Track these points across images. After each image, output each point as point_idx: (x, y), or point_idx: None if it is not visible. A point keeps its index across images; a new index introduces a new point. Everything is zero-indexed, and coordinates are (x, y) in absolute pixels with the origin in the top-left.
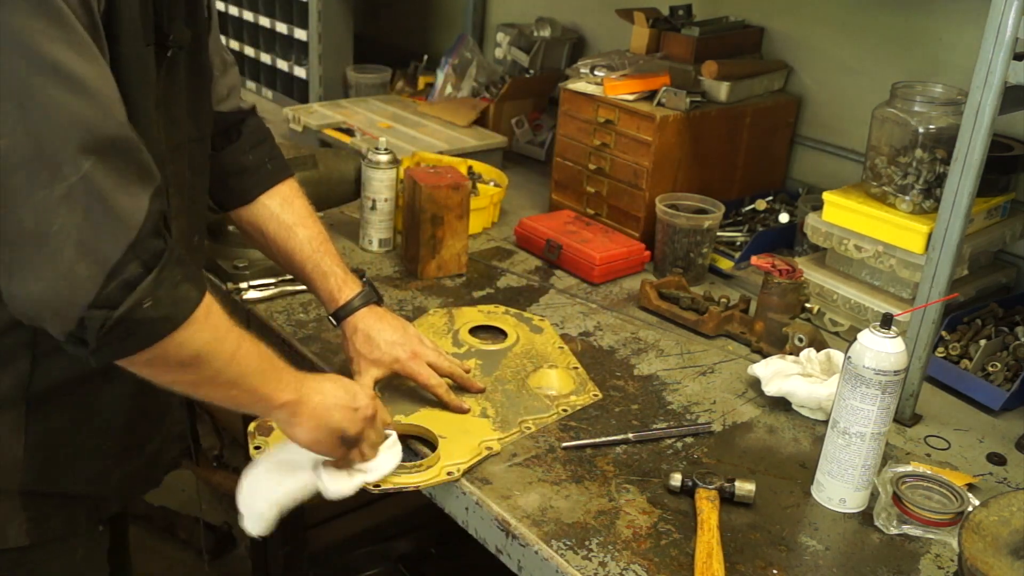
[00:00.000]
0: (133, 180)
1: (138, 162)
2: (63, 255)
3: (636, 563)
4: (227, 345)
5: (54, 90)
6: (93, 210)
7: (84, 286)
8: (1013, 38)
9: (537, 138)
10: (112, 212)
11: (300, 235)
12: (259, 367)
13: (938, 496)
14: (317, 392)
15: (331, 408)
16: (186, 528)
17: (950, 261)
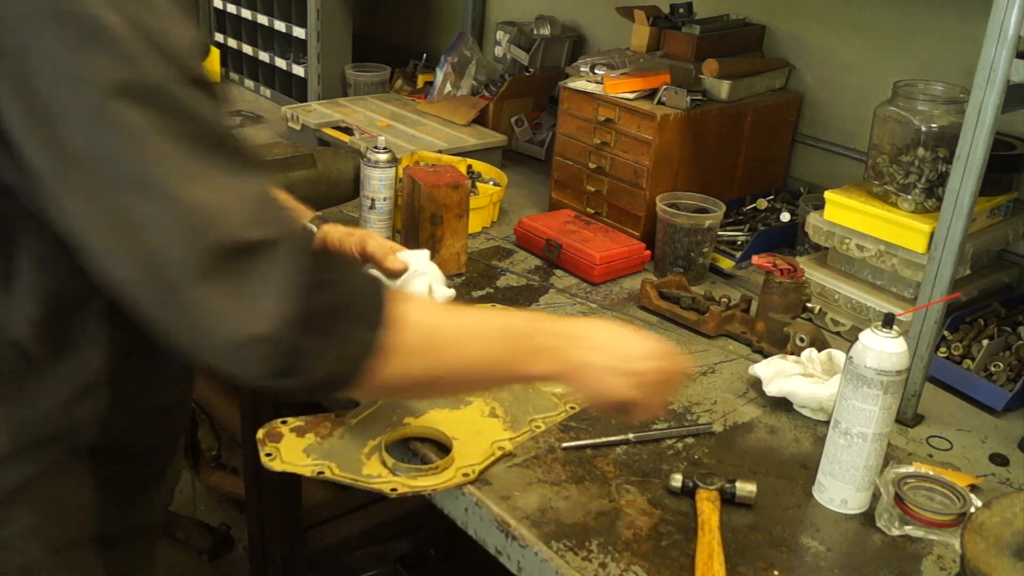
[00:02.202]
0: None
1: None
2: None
3: (636, 564)
4: (461, 355)
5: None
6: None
7: (252, 366)
8: (1015, 36)
9: (537, 137)
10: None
11: None
12: (498, 355)
13: (940, 497)
14: (583, 357)
15: (601, 374)
16: (184, 529)
17: (952, 261)
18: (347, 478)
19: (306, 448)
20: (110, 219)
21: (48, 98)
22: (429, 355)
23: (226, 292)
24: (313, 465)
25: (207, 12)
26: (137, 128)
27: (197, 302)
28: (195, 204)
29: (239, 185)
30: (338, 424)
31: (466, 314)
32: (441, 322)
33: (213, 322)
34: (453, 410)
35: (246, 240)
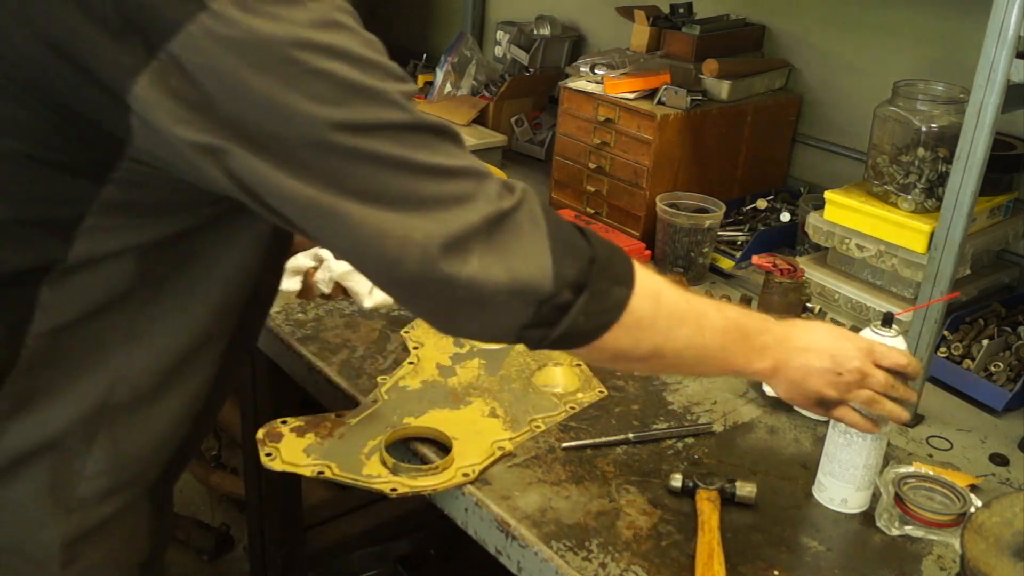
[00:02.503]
0: (525, 237)
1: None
2: (496, 305)
3: (636, 564)
4: (683, 331)
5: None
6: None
7: (517, 318)
8: (1016, 36)
9: (537, 137)
10: (519, 275)
11: None
12: (724, 343)
13: (940, 497)
14: (798, 357)
15: (811, 375)
16: (184, 529)
17: (952, 260)
18: (347, 478)
19: (306, 448)
20: (377, 240)
21: (307, 152)
22: (658, 327)
23: (495, 259)
24: (313, 465)
25: None
26: (391, 155)
27: (469, 280)
28: (443, 196)
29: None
30: (338, 424)
31: (694, 297)
32: (675, 299)
33: (485, 293)
34: (453, 410)
35: (502, 210)
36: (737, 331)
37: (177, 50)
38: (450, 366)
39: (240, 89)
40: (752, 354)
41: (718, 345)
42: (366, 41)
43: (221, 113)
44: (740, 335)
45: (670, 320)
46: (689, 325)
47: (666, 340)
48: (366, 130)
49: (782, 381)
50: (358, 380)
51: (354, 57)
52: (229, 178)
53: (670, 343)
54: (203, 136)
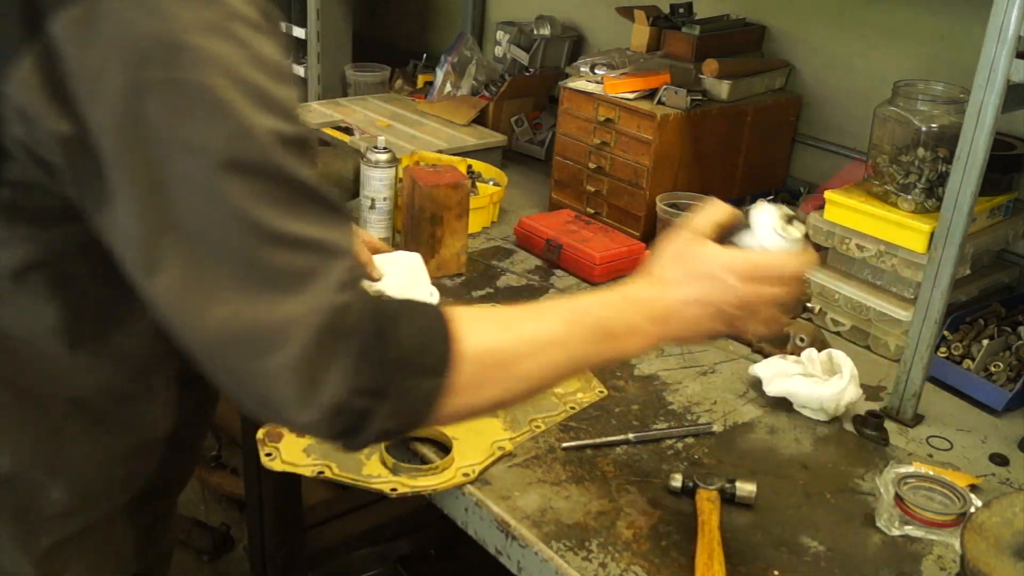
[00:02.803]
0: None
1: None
2: (289, 411)
3: (636, 564)
4: (531, 369)
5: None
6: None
7: (319, 430)
8: (1016, 36)
9: (537, 137)
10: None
11: None
12: (588, 352)
13: (940, 497)
14: (674, 319)
15: (697, 325)
16: (184, 529)
17: (952, 260)
18: (347, 478)
19: (306, 448)
20: (192, 289)
21: (156, 168)
22: (494, 383)
23: (295, 367)
24: (313, 465)
25: None
26: (234, 200)
27: (268, 378)
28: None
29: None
30: None
31: (529, 320)
32: (502, 344)
33: (282, 401)
34: None
35: (333, 307)
36: (595, 329)
37: (55, 31)
38: None
39: (99, 84)
40: (619, 343)
41: (577, 357)
42: (259, 61)
43: (78, 106)
44: (600, 332)
45: (512, 369)
46: (537, 362)
47: (513, 386)
48: (211, 160)
49: (672, 342)
50: None
51: (233, 74)
52: (72, 174)
53: (519, 386)
54: (60, 126)
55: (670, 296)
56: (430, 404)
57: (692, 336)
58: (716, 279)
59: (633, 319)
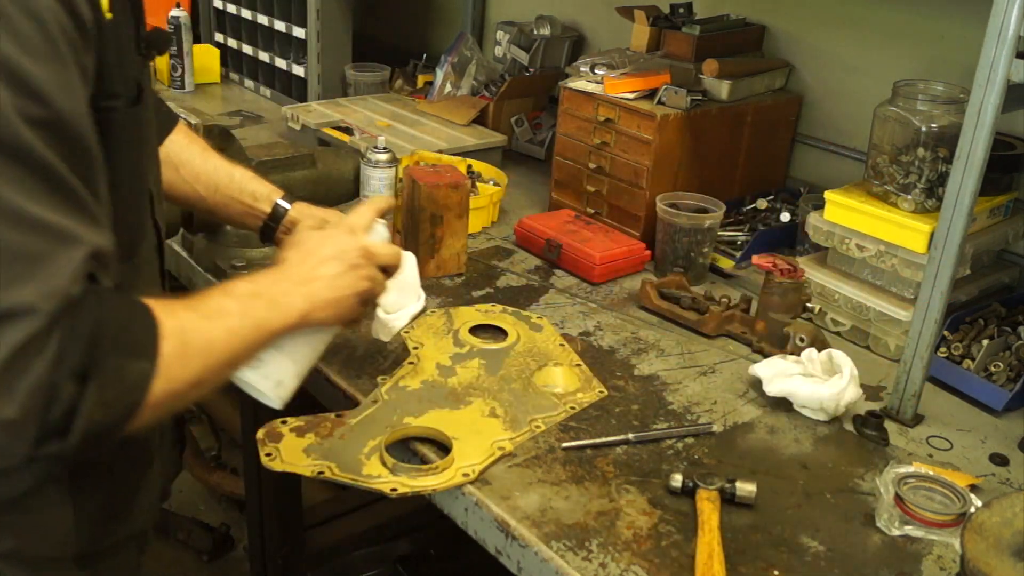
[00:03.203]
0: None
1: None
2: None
3: (636, 564)
4: (215, 345)
5: None
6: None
7: (20, 434)
8: (1015, 36)
9: (537, 137)
10: (28, 367)
11: (215, 156)
12: (255, 322)
13: (940, 497)
14: (316, 280)
15: (336, 282)
16: (184, 529)
17: (952, 261)
18: (347, 478)
19: (306, 448)
20: None
21: None
22: (191, 356)
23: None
24: (313, 465)
25: (207, 12)
26: None
27: None
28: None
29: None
30: (338, 424)
31: (203, 299)
32: (189, 318)
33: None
34: (453, 410)
35: (70, 298)
36: (258, 300)
37: None
38: (450, 366)
39: None
40: (281, 309)
41: (251, 326)
42: (17, 34)
43: None
44: (263, 303)
45: (202, 339)
46: (219, 329)
47: (207, 359)
48: None
49: (323, 309)
50: (358, 380)
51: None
52: None
53: (211, 358)
54: None
55: (308, 260)
56: (142, 387)
57: (338, 292)
58: (338, 238)
59: (284, 285)
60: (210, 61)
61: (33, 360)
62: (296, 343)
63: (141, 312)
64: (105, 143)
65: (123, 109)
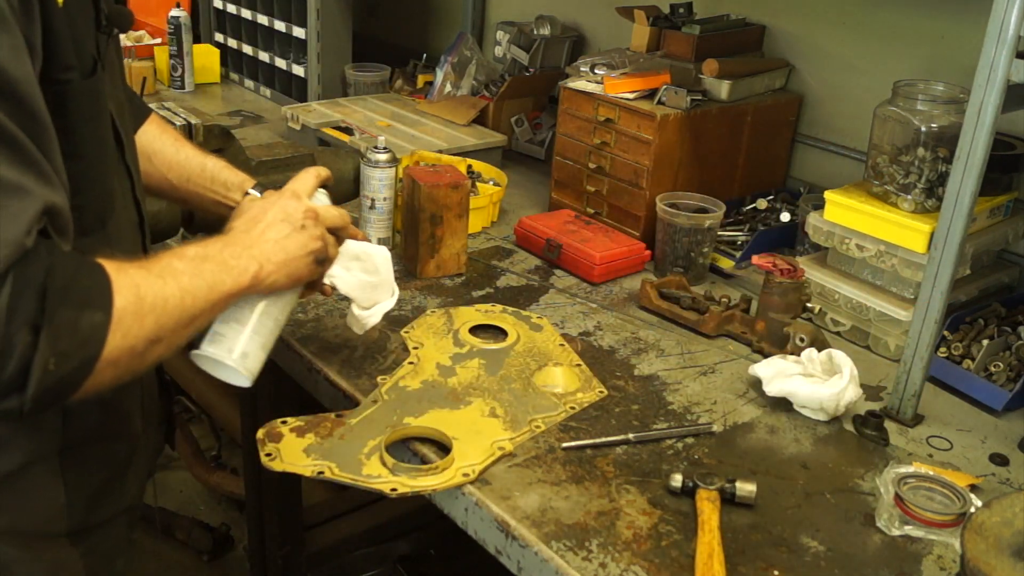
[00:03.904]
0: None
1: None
2: None
3: (636, 564)
4: (169, 303)
5: None
6: None
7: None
8: (1015, 36)
9: (537, 137)
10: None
11: (188, 145)
12: (208, 283)
13: (940, 497)
14: (264, 241)
15: (286, 244)
16: (184, 529)
17: (952, 261)
18: (347, 478)
19: (306, 448)
20: None
21: None
22: (146, 312)
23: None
24: (313, 465)
25: (207, 12)
26: None
27: None
28: None
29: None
30: (338, 424)
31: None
32: (142, 275)
33: None
34: (453, 410)
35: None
36: (208, 262)
37: None
38: (450, 366)
39: None
40: (234, 272)
41: (204, 288)
42: None
43: None
44: (214, 265)
45: (156, 294)
46: (173, 287)
47: (161, 315)
48: None
49: (275, 270)
50: (358, 380)
51: None
52: None
53: (165, 315)
54: None
55: (256, 226)
56: (98, 339)
57: (290, 253)
58: (283, 202)
59: (235, 249)
60: (210, 61)
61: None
62: (255, 312)
63: (91, 267)
64: (62, 114)
65: (78, 81)
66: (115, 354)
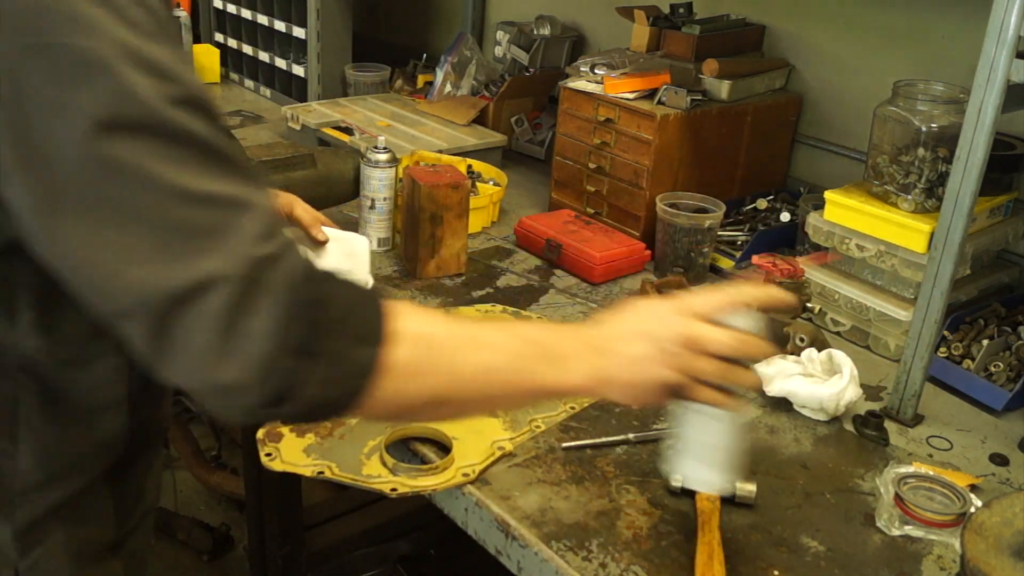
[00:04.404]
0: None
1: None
2: (215, 372)
3: (636, 564)
4: (468, 367)
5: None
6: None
7: (243, 395)
8: (1015, 36)
9: (537, 137)
10: (242, 331)
11: None
12: (524, 365)
13: (940, 497)
14: (612, 353)
15: (635, 364)
16: (184, 529)
17: (952, 261)
18: (347, 478)
19: (306, 448)
20: (99, 254)
21: (37, 134)
22: (433, 372)
23: (217, 319)
24: (313, 465)
25: (207, 12)
26: (127, 160)
27: (189, 334)
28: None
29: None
30: (338, 424)
31: (470, 324)
32: (442, 334)
33: (204, 357)
34: None
35: (254, 259)
36: (537, 349)
37: None
38: None
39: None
40: (561, 369)
41: (518, 371)
42: (130, 22)
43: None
44: (542, 352)
45: (448, 362)
46: (476, 360)
47: (448, 385)
48: (97, 124)
49: (612, 387)
50: None
51: (106, 36)
52: None
53: (455, 387)
54: None
55: (612, 329)
56: (365, 378)
57: (636, 377)
58: (659, 316)
59: (573, 344)
60: (210, 61)
61: (243, 324)
62: (690, 438)
63: (372, 299)
64: None
65: None
66: (386, 396)
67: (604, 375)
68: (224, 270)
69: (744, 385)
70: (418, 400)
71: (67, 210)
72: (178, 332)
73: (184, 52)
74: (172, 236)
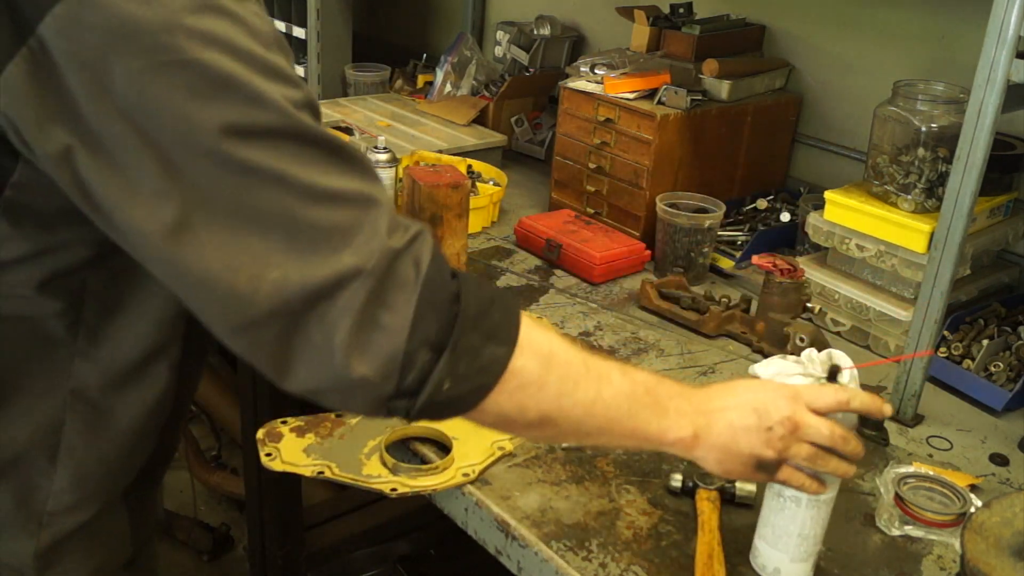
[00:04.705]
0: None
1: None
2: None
3: (636, 564)
4: (579, 395)
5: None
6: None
7: (379, 389)
8: (1016, 36)
9: (537, 137)
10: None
11: None
12: (631, 409)
13: (940, 497)
14: (720, 419)
15: (738, 435)
16: (184, 529)
17: (952, 261)
18: (347, 478)
19: (306, 448)
20: (236, 260)
21: (176, 151)
22: (547, 392)
23: (353, 314)
24: (313, 465)
25: None
26: (264, 165)
27: (327, 330)
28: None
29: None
30: (338, 424)
31: (587, 352)
32: (571, 359)
33: (340, 352)
34: None
35: (389, 251)
36: (647, 395)
37: (44, 34)
38: None
39: (99, 77)
40: (666, 420)
41: (624, 411)
42: (253, 31)
43: (81, 110)
44: (650, 400)
45: (563, 383)
46: (587, 389)
47: (559, 406)
48: (232, 132)
49: (709, 450)
50: None
51: (233, 48)
52: (75, 185)
53: (564, 410)
54: (59, 139)
55: (723, 398)
56: (495, 376)
57: (735, 445)
58: (771, 396)
59: (680, 403)
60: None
61: (380, 317)
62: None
63: (506, 299)
64: None
65: None
66: (501, 401)
67: (704, 435)
68: (361, 264)
69: (835, 473)
70: (529, 413)
71: (206, 221)
72: (314, 329)
73: (289, 57)
74: (310, 235)
